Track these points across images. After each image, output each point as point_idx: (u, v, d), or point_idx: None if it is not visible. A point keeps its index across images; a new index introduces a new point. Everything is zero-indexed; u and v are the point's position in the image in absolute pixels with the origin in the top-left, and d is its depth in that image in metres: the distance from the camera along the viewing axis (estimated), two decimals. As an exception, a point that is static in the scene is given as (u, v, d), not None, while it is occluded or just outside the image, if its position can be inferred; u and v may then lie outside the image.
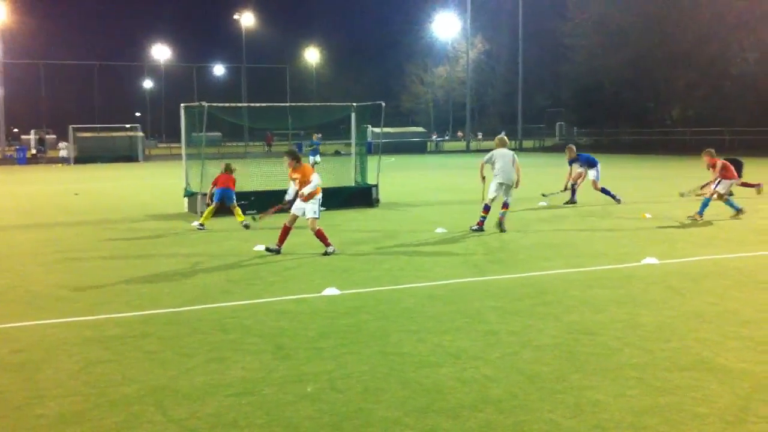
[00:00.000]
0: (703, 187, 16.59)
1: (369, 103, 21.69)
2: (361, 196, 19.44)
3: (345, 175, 21.08)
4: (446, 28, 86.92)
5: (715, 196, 15.46)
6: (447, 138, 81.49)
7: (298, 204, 11.87)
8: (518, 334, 7.24)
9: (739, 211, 15.50)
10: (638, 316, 7.86)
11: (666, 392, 5.61)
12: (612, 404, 5.39)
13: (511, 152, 14.54)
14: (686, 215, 15.68)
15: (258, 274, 10.54)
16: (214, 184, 15.79)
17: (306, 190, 11.65)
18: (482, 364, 6.34)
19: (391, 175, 29.21)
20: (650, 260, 10.94)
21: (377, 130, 28.34)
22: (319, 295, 9.04)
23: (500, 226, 14.25)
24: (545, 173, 30.24)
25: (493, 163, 14.34)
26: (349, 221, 16.47)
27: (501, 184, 14.20)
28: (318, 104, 30.47)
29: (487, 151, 15.36)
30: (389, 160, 41.05)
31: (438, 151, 66.32)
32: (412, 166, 30.14)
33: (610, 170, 19.36)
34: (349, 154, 23.02)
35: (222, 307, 8.54)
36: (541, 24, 74.51)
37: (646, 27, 58.37)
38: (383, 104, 20.91)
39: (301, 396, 5.67)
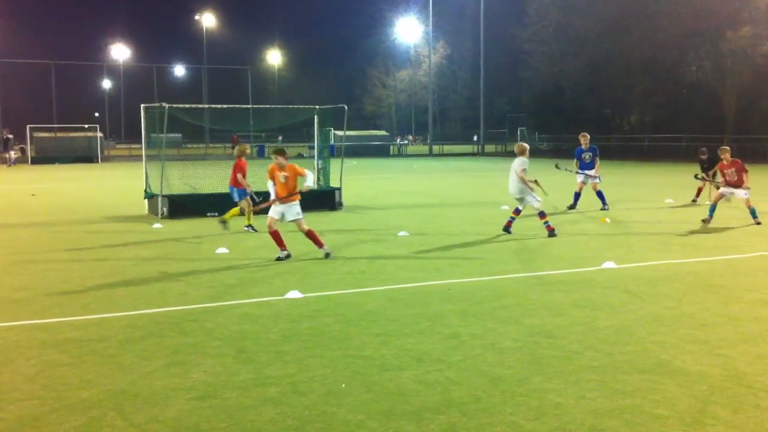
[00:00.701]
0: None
1: (331, 106, 21.68)
2: (323, 199, 19.40)
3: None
4: (408, 32, 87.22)
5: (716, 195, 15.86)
6: (407, 142, 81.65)
7: (276, 209, 11.63)
8: (480, 337, 7.28)
9: (709, 219, 15.79)
10: (597, 319, 7.96)
11: (626, 394, 5.69)
12: (573, 406, 5.45)
13: (517, 160, 14.31)
14: (690, 220, 15.88)
15: (219, 277, 10.46)
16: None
17: (309, 182, 11.59)
18: (445, 367, 6.37)
19: (355, 179, 29.21)
20: (608, 264, 11.09)
21: (340, 133, 28.34)
22: (281, 298, 9.00)
23: (506, 229, 14.46)
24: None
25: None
26: (311, 224, 16.29)
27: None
28: (280, 106, 30.30)
29: (449, 155, 15.43)
30: (352, 163, 41.06)
31: (401, 154, 66.48)
32: (375, 169, 30.13)
33: (569, 176, 19.61)
34: (311, 157, 22.95)
35: (182, 310, 8.46)
36: (502, 29, 75.16)
37: (603, 34, 59.24)
38: (346, 107, 20.91)
39: (264, 399, 5.63)
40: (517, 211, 14.54)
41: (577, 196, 19.10)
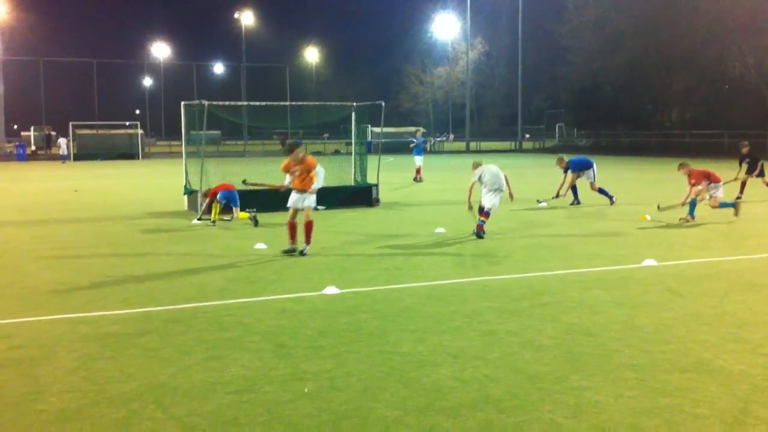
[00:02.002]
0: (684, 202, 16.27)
1: (368, 102, 21.69)
2: (360, 196, 19.45)
3: (345, 175, 21.07)
4: (446, 28, 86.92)
5: (705, 199, 15.59)
6: (444, 139, 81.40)
7: (296, 196, 11.86)
8: (517, 335, 7.24)
9: (736, 206, 15.75)
10: (637, 317, 7.86)
11: (665, 394, 5.62)
12: (612, 405, 5.39)
13: (495, 166, 14.15)
14: (679, 217, 15.66)
15: (257, 272, 10.54)
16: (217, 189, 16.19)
17: (317, 185, 11.80)
18: (482, 364, 6.34)
19: (391, 175, 29.22)
20: (649, 262, 10.95)
21: (377, 129, 28.27)
22: (318, 293, 9.04)
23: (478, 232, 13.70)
24: (545, 174, 30.26)
25: (481, 179, 13.94)
26: (348, 221, 16.47)
27: (495, 191, 13.91)
28: (317, 103, 30.39)
29: (486, 151, 15.34)
30: (389, 159, 41.05)
31: (437, 151, 66.31)
32: (412, 165, 30.08)
33: (608, 172, 19.40)
34: (349, 154, 23.01)
35: (221, 305, 8.54)
36: (540, 25, 74.63)
37: (643, 30, 58.43)
38: (383, 104, 20.92)
39: (301, 394, 5.67)
40: (487, 214, 13.81)
41: (575, 189, 19.30)
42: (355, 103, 21.19)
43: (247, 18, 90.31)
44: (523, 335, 7.22)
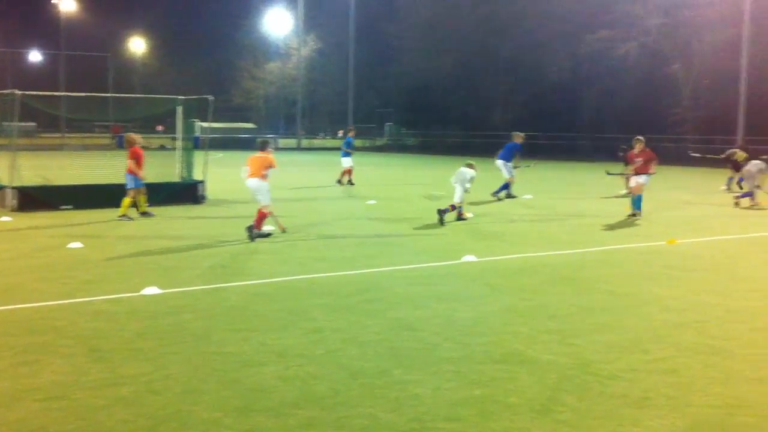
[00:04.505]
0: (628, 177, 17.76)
1: (196, 96, 21.14)
2: (186, 193, 18.91)
3: (169, 171, 20.39)
4: (279, 24, 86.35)
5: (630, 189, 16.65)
6: (277, 135, 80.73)
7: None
8: (343, 331, 7.30)
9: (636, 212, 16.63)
10: (457, 311, 8.15)
11: (480, 384, 5.86)
12: (430, 397, 5.55)
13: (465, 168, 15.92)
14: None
15: (71, 272, 9.99)
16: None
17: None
18: (306, 362, 6.34)
19: (221, 172, 28.63)
20: (469, 258, 11.38)
21: (205, 124, 27.58)
22: (138, 294, 8.69)
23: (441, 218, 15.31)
24: (376, 172, 30.73)
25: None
26: (172, 218, 15.97)
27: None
28: (141, 96, 29.31)
29: (319, 149, 15.43)
30: (218, 155, 40.19)
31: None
32: (242, 162, 29.60)
33: (435, 171, 20.00)
34: (174, 149, 22.30)
35: (31, 308, 8.02)
36: (373, 25, 75.68)
37: (472, 34, 60.85)
38: (211, 98, 20.45)
39: (116, 399, 5.42)
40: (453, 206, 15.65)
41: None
42: (181, 97, 20.57)
43: (67, 4, 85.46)
44: (349, 332, 7.29)
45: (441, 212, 15.19)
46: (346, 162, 25.19)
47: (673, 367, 6.35)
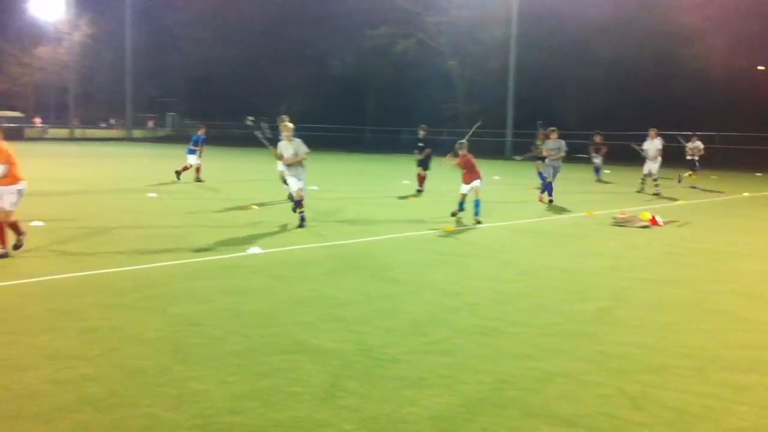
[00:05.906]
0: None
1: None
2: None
3: None
4: (47, 7, 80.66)
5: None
6: (45, 125, 75.52)
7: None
8: (121, 330, 6.98)
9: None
10: (242, 304, 8.07)
11: (265, 375, 5.84)
12: (213, 392, 5.46)
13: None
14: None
15: None
16: None
17: None
18: (80, 363, 6.00)
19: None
20: (255, 250, 11.31)
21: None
22: None
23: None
24: (159, 163, 29.69)
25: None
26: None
27: None
28: None
29: (93, 139, 14.60)
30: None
31: (39, 138, 61.28)
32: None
33: (216, 162, 19.67)
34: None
35: None
36: (152, 11, 72.89)
37: (259, 26, 60.51)
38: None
39: None
40: None
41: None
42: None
43: None
44: (127, 330, 6.99)
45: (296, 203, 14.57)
46: (192, 159, 24.30)
47: (448, 348, 6.70)
